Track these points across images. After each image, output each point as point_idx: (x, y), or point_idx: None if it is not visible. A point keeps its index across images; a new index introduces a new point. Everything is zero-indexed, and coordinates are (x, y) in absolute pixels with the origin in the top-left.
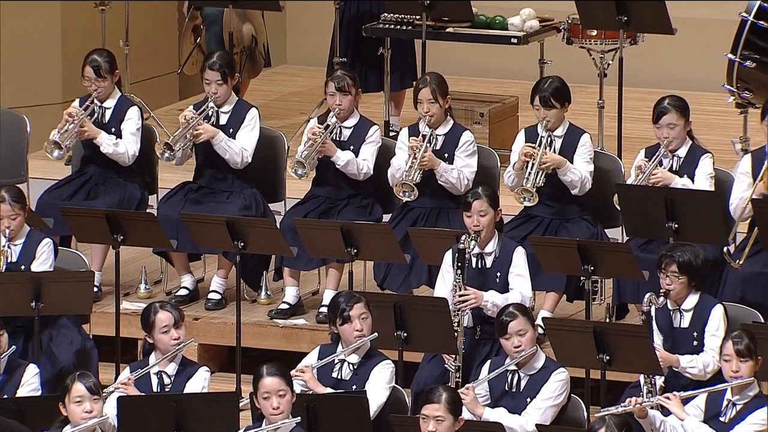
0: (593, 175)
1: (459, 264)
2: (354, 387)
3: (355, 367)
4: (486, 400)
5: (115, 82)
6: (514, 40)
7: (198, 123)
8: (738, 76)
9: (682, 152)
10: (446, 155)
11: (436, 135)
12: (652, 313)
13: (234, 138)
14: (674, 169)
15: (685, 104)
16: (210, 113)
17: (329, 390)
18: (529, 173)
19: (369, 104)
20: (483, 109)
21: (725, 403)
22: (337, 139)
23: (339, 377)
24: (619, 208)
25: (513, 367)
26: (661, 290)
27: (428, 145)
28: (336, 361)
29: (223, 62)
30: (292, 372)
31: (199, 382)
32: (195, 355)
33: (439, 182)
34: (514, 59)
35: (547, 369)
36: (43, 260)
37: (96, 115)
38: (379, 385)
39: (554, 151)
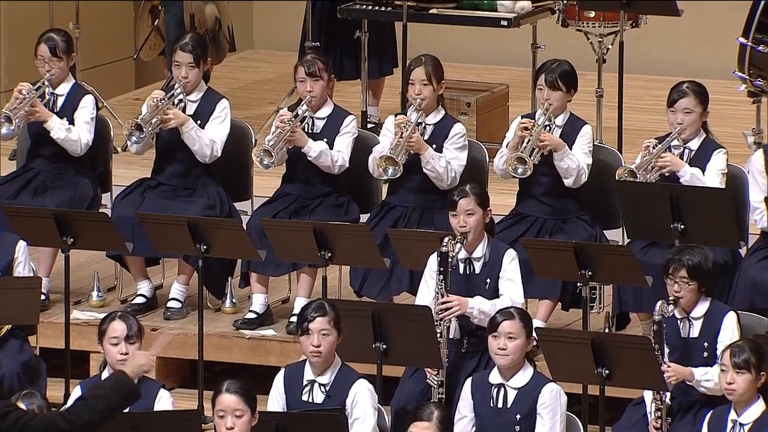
0: (591, 171)
1: (442, 269)
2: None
3: (328, 388)
4: (470, 421)
5: (70, 66)
6: (504, 23)
7: (168, 107)
8: (750, 62)
9: (695, 144)
10: (434, 146)
11: (425, 123)
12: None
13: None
14: (685, 161)
15: (704, 91)
16: (176, 101)
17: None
18: (525, 147)
19: (344, 93)
20: (470, 98)
21: (730, 424)
22: (310, 131)
23: (310, 400)
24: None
25: (498, 380)
26: (670, 298)
27: (416, 127)
28: (305, 382)
29: (196, 44)
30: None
31: (166, 406)
32: (153, 370)
33: (425, 169)
34: (504, 43)
35: (536, 383)
36: (29, 268)
37: (47, 101)
38: (369, 414)
39: None
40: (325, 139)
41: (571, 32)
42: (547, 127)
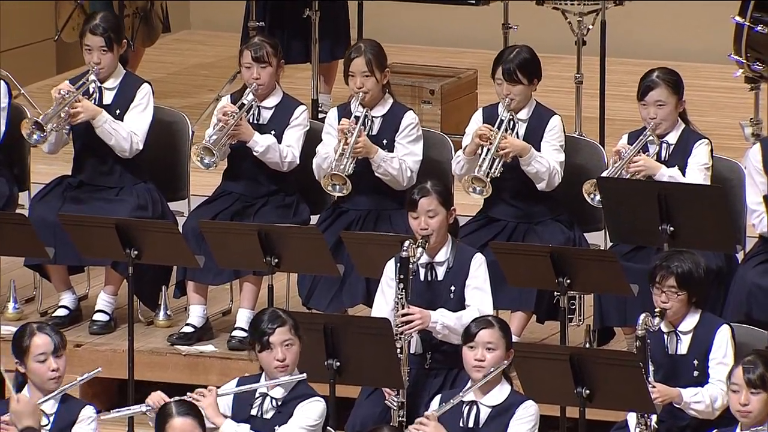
0: (566, 167)
1: (402, 277)
2: (276, 426)
3: (279, 403)
4: None
5: None
6: (473, 0)
7: (76, 99)
8: (748, 44)
9: (673, 138)
10: (385, 141)
11: (372, 117)
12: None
13: (121, 121)
14: (663, 157)
15: (677, 78)
16: (91, 89)
17: (230, 424)
18: (483, 159)
19: (293, 79)
20: (434, 85)
21: None
22: (255, 122)
23: (259, 414)
24: (589, 201)
25: (471, 397)
26: (656, 309)
27: (362, 128)
28: (257, 394)
29: (108, 25)
30: (190, 394)
31: (85, 425)
32: (77, 390)
33: (376, 174)
34: (472, 24)
35: (513, 402)
36: None
37: None
38: (300, 424)
39: (517, 137)
40: (272, 131)
41: (547, 11)
42: (511, 122)
